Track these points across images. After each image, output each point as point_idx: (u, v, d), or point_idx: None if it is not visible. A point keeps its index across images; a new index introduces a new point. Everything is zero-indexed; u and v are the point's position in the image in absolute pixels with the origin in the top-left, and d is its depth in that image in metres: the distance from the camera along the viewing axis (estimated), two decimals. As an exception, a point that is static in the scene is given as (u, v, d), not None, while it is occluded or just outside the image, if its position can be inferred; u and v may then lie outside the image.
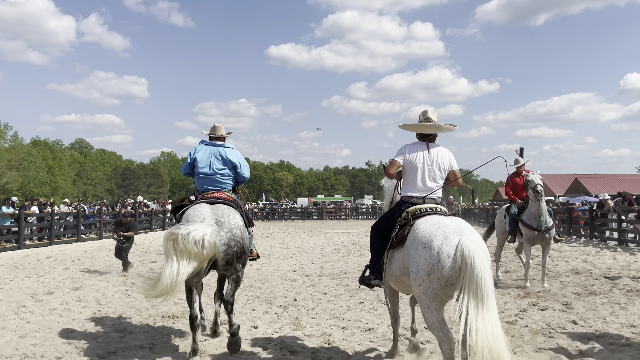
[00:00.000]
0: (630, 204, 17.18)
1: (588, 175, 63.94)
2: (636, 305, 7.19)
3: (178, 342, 5.61)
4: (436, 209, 4.39)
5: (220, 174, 5.69)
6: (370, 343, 5.55)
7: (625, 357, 4.86)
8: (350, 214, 49.28)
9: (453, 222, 4.07)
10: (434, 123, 4.70)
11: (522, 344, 5.38)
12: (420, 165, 4.55)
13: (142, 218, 24.57)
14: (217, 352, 5.31)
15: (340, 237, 22.62)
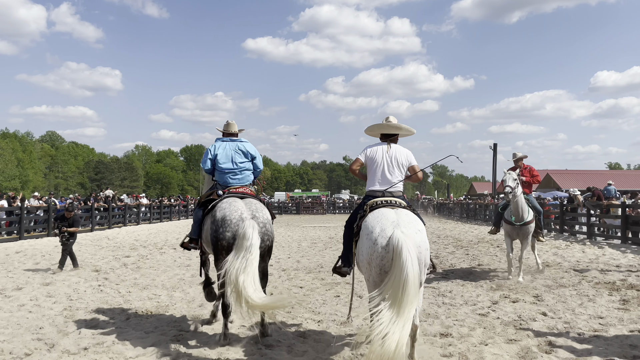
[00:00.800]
0: (599, 198, 17.64)
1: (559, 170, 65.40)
2: (604, 298, 7.40)
3: (153, 338, 5.54)
4: (390, 201, 4.72)
5: (243, 167, 5.97)
6: (345, 336, 5.57)
7: (592, 348, 4.99)
8: (328, 208, 49.40)
9: (394, 215, 4.41)
10: (393, 125, 5.12)
11: (494, 336, 5.48)
12: (380, 161, 4.97)
13: (115, 212, 24.17)
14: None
15: (317, 232, 22.66)
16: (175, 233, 21.26)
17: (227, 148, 5.98)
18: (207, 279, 6.42)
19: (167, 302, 7.49)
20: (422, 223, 4.55)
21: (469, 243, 16.65)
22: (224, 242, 5.23)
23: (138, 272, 10.42)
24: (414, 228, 4.29)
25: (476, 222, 29.32)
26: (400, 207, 4.67)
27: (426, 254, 4.29)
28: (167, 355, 4.97)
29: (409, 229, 4.24)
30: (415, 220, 4.46)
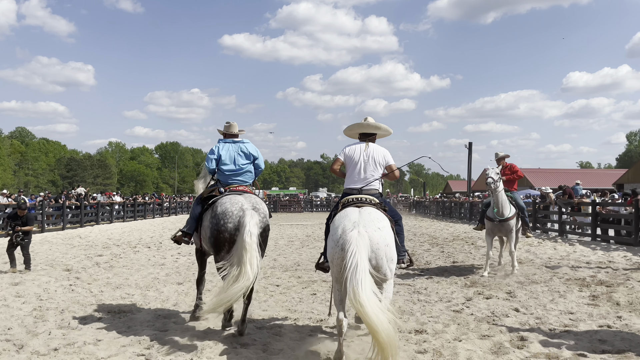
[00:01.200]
0: (570, 196, 18.05)
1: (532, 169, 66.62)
2: (574, 294, 7.57)
3: (126, 338, 5.44)
4: (361, 199, 4.92)
5: (244, 169, 6.15)
6: (321, 334, 5.57)
7: (563, 342, 5.10)
8: (305, 206, 49.38)
9: (357, 214, 4.62)
10: (371, 124, 5.33)
11: (468, 332, 5.56)
12: (357, 160, 5.16)
13: (87, 210, 23.70)
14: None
15: (294, 230, 22.63)
16: (149, 232, 20.96)
17: (230, 150, 6.13)
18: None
19: (141, 301, 7.38)
20: (386, 220, 4.71)
21: (444, 240, 16.85)
22: (225, 234, 5.40)
23: (111, 271, 10.23)
24: (374, 226, 4.48)
25: (451, 220, 29.68)
26: (370, 204, 4.85)
27: (387, 250, 4.48)
28: (141, 355, 4.89)
29: (369, 227, 4.44)
30: (378, 219, 4.62)
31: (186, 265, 11.11)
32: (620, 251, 12.42)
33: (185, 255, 12.93)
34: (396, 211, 5.37)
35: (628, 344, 5.01)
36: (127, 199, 33.52)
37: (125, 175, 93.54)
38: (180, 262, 11.64)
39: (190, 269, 10.49)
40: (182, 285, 8.71)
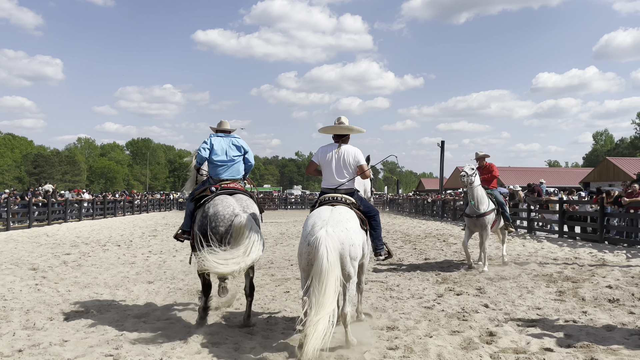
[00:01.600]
0: (539, 194, 18.46)
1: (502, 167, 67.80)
2: (542, 289, 7.74)
3: (93, 338, 5.32)
4: (335, 197, 5.23)
5: (235, 161, 6.27)
6: (294, 332, 5.55)
7: (530, 338, 5.21)
8: (280, 204, 49.22)
9: (329, 213, 4.88)
10: (344, 126, 5.50)
11: (439, 328, 5.62)
12: (330, 161, 5.40)
13: (55, 208, 23.11)
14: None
15: (268, 227, 22.53)
16: (120, 230, 20.57)
17: (222, 142, 6.28)
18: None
19: (110, 301, 7.23)
20: (355, 221, 4.94)
21: (416, 238, 17.03)
22: (217, 236, 5.52)
23: (79, 270, 10.00)
24: (342, 226, 4.73)
25: (424, 217, 30.04)
26: (344, 203, 5.16)
27: (351, 249, 4.71)
28: (109, 355, 4.78)
29: (337, 227, 4.70)
30: (347, 219, 4.86)
31: (157, 263, 10.94)
32: (586, 248, 12.77)
33: (156, 253, 12.74)
34: (372, 207, 5.60)
35: (593, 339, 5.15)
36: (97, 196, 32.83)
37: (94, 172, 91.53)
38: (151, 260, 11.46)
39: (161, 268, 10.34)
40: (153, 284, 8.57)
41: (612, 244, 13.28)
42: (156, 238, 17.11)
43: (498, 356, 4.64)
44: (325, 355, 4.67)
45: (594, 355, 4.62)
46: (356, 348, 4.86)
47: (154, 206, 40.64)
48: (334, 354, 4.72)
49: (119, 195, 35.01)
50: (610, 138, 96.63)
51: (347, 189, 5.36)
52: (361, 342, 4.99)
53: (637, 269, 9.28)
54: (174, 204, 47.69)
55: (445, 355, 4.64)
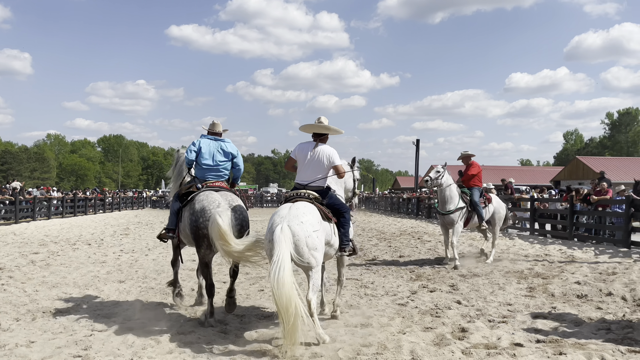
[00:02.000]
0: (511, 192, 18.80)
1: (476, 166, 68.74)
2: (513, 285, 7.88)
3: (62, 339, 5.19)
4: (301, 193, 5.48)
5: (221, 166, 6.36)
6: (267, 330, 5.52)
7: (501, 333, 5.29)
8: (255, 202, 48.95)
9: (287, 210, 5.14)
10: (323, 125, 5.71)
11: (412, 324, 5.67)
12: (305, 159, 5.62)
13: (23, 206, 22.50)
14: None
15: (242, 225, 22.37)
16: (90, 228, 20.15)
17: (211, 145, 6.33)
18: (175, 279, 6.89)
19: (79, 300, 7.06)
20: (312, 214, 5.14)
21: (392, 235, 17.15)
22: (205, 231, 5.61)
23: (47, 269, 9.75)
24: (297, 220, 4.99)
25: (399, 215, 30.28)
26: (306, 198, 5.40)
27: (308, 240, 4.95)
28: (77, 356, 4.67)
29: (292, 222, 4.96)
30: (303, 213, 5.10)
31: (129, 262, 10.75)
32: (556, 245, 13.06)
33: (128, 252, 12.52)
34: (343, 205, 5.76)
35: (562, 333, 5.26)
36: (67, 193, 32.10)
37: (65, 169, 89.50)
38: (123, 259, 11.25)
39: (133, 267, 10.16)
40: (124, 283, 8.41)
41: (581, 241, 13.61)
42: (128, 237, 16.82)
43: (469, 352, 4.69)
44: (299, 353, 4.66)
45: (562, 349, 4.71)
46: (329, 346, 4.86)
47: (126, 204, 39.96)
48: (307, 352, 4.70)
49: (89, 193, 34.28)
50: (580, 137, 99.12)
51: (317, 187, 5.54)
52: (334, 339, 5.00)
53: (604, 266, 9.53)
54: (147, 201, 46.99)
55: (418, 351, 4.67)
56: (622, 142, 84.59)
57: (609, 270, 8.97)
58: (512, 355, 4.58)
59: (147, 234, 18.05)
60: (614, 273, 8.65)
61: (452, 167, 11.61)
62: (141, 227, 21.51)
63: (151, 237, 16.54)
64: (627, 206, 12.15)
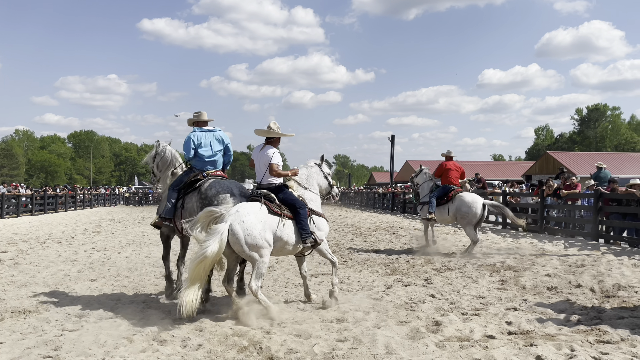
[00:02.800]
0: (484, 186, 19.11)
1: (450, 161, 69.59)
2: (485, 279, 8.01)
3: (31, 340, 5.06)
4: (256, 192, 6.16)
5: (218, 155, 6.80)
6: (242, 327, 5.49)
7: (474, 325, 5.37)
8: (229, 198, 48.52)
9: (235, 209, 5.78)
10: (271, 130, 6.28)
11: (387, 319, 5.71)
12: (255, 160, 6.38)
13: (-9, 203, 21.86)
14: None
15: (217, 222, 22.20)
16: (61, 226, 19.71)
17: (206, 137, 6.73)
18: (168, 272, 7.12)
19: (49, 300, 6.89)
20: (254, 214, 5.76)
21: (367, 230, 17.24)
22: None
23: (16, 268, 9.50)
24: (239, 220, 5.65)
25: (375, 210, 30.47)
26: (256, 197, 6.07)
27: (247, 238, 5.63)
28: (47, 357, 4.56)
29: (235, 221, 5.64)
30: (247, 213, 5.74)
31: (101, 260, 10.55)
32: (527, 238, 13.33)
33: (100, 250, 12.29)
34: (297, 200, 6.24)
35: (532, 325, 5.38)
36: (36, 191, 31.30)
37: (34, 166, 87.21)
38: (95, 257, 11.03)
39: (105, 265, 9.97)
40: (96, 282, 8.25)
41: (551, 234, 13.93)
42: (100, 234, 16.51)
43: (443, 344, 4.76)
44: (274, 349, 4.65)
45: (533, 340, 4.82)
46: (305, 341, 4.86)
47: (98, 201, 39.21)
48: (283, 348, 4.69)
49: (60, 190, 33.50)
50: (550, 133, 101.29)
51: (267, 185, 6.22)
52: (309, 334, 5.00)
53: (574, 258, 9.77)
54: (120, 198, 46.18)
55: (392, 345, 4.71)
56: (591, 137, 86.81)
57: (578, 262, 9.21)
58: (484, 347, 4.66)
59: (119, 231, 17.75)
60: (583, 265, 8.88)
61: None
62: (114, 224, 21.13)
63: (124, 235, 16.27)
64: (595, 200, 12.47)
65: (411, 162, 72.92)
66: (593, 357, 4.36)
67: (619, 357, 4.34)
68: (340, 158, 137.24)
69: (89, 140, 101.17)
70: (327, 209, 34.01)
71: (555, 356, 4.41)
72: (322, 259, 8.98)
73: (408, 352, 4.59)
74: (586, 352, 4.46)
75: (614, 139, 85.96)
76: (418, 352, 4.60)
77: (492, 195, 18.20)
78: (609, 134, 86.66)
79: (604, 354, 4.43)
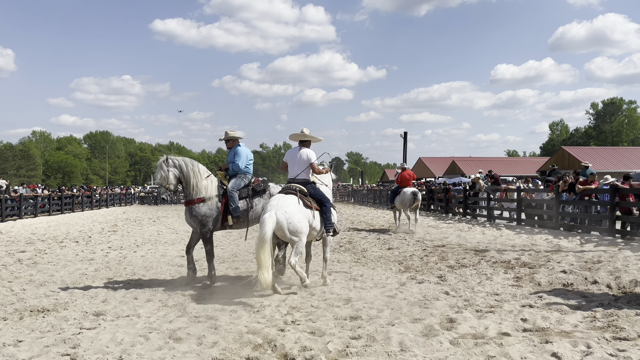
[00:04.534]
0: (497, 182, 18.95)
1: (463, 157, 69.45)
2: (500, 275, 7.97)
3: (49, 338, 5.15)
4: (290, 186, 7.18)
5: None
6: (257, 324, 5.53)
7: (489, 323, 5.35)
8: (243, 196, 48.73)
9: (277, 200, 6.85)
10: (305, 134, 7.46)
11: (400, 316, 5.71)
12: (291, 160, 7.45)
13: (9, 204, 22.23)
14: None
15: (231, 220, 22.31)
16: (78, 225, 19.98)
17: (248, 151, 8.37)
18: None
19: (67, 299, 7.00)
20: (294, 205, 6.82)
21: (380, 227, 17.22)
22: None
23: (34, 267, 9.66)
24: (282, 210, 6.69)
25: (388, 207, 30.36)
26: (293, 191, 7.05)
27: (289, 225, 6.68)
28: (66, 355, 4.65)
29: (278, 210, 6.67)
30: (287, 204, 6.79)
31: (117, 259, 10.69)
32: (542, 234, 13.21)
33: (116, 249, 12.44)
34: (324, 195, 7.34)
35: (548, 322, 5.34)
36: (53, 191, 31.76)
37: (51, 167, 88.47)
38: (111, 256, 11.18)
39: (121, 264, 10.10)
40: (113, 280, 8.36)
41: (567, 231, 13.78)
42: (116, 233, 16.71)
43: (457, 342, 4.75)
44: (288, 347, 4.68)
45: (548, 338, 4.78)
46: (319, 339, 4.89)
47: (114, 201, 39.64)
48: (297, 345, 4.72)
49: (76, 190, 33.95)
50: (565, 128, 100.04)
51: (301, 180, 7.28)
52: (323, 332, 5.02)
53: (589, 254, 9.66)
54: (135, 198, 46.65)
55: (406, 342, 4.71)
56: (607, 131, 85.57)
57: (594, 258, 9.11)
58: (499, 345, 4.64)
59: (135, 230, 17.94)
60: (599, 261, 8.78)
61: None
62: (129, 223, 21.36)
63: (139, 234, 16.45)
64: (611, 195, 12.31)
65: (424, 159, 72.56)
66: (609, 354, 4.32)
67: (636, 354, 4.29)
68: (353, 156, 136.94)
69: (104, 140, 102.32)
70: (341, 206, 33.99)
71: (571, 353, 4.37)
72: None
73: (422, 350, 4.59)
74: (602, 349, 4.42)
75: (630, 133, 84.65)
76: (432, 350, 4.59)
77: (507, 192, 18.06)
78: (625, 129, 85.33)
79: (620, 351, 4.38)
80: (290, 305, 6.35)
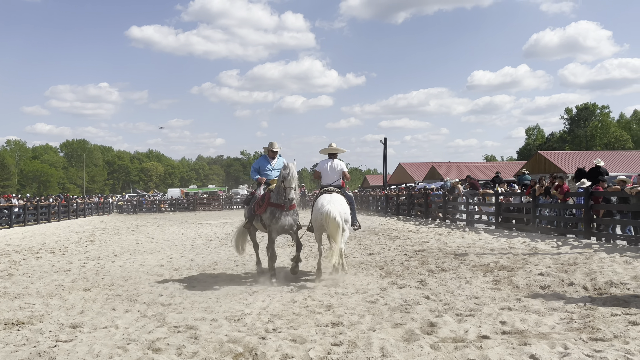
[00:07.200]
0: (475, 187, 19.19)
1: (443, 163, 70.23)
2: (479, 279, 8.05)
3: (24, 352, 5.03)
4: (330, 189, 8.58)
5: None
6: (238, 333, 5.49)
7: (469, 326, 5.39)
8: (225, 204, 48.53)
9: (329, 197, 8.30)
10: (334, 148, 9.06)
11: (382, 321, 5.72)
12: (326, 170, 8.88)
13: (-18, 215, 21.69)
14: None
15: (213, 228, 22.17)
16: (54, 236, 19.58)
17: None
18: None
19: (43, 311, 6.86)
20: (343, 200, 8.36)
21: (361, 233, 17.25)
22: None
23: (9, 279, 9.44)
24: (337, 203, 8.13)
25: (369, 213, 30.49)
26: (335, 192, 8.50)
27: (345, 215, 8.15)
28: (41, 369, 4.54)
29: (334, 204, 8.07)
30: (339, 200, 8.29)
31: (94, 270, 10.50)
32: (520, 237, 13.40)
33: (94, 259, 12.23)
34: (351, 197, 8.87)
35: (526, 324, 5.41)
36: (29, 201, 31.09)
37: (26, 176, 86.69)
38: (88, 266, 10.98)
39: (99, 274, 9.93)
40: (90, 291, 8.21)
41: (543, 233, 14.00)
42: (94, 243, 16.43)
43: (438, 346, 4.78)
44: (270, 355, 4.65)
45: (527, 340, 4.84)
46: (300, 346, 4.87)
47: (91, 210, 39.00)
48: (278, 353, 4.70)
49: (52, 200, 33.29)
50: (541, 133, 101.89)
51: (337, 185, 8.79)
52: (305, 339, 5.01)
53: (566, 256, 9.83)
54: (114, 207, 45.97)
55: (387, 348, 4.72)
56: (581, 136, 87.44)
57: (571, 260, 9.26)
58: (479, 348, 4.69)
59: (113, 240, 17.67)
60: (575, 263, 8.94)
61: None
62: (107, 233, 21.03)
63: (118, 244, 16.20)
64: (586, 198, 12.56)
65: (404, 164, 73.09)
66: (586, 355, 4.39)
67: (612, 354, 4.37)
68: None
69: (81, 149, 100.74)
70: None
71: (549, 355, 4.43)
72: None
73: (403, 355, 4.61)
74: (579, 350, 4.49)
75: (604, 137, 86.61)
76: (413, 354, 4.61)
77: (485, 196, 18.29)
78: (598, 133, 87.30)
79: (597, 352, 4.46)
80: (272, 312, 6.32)
